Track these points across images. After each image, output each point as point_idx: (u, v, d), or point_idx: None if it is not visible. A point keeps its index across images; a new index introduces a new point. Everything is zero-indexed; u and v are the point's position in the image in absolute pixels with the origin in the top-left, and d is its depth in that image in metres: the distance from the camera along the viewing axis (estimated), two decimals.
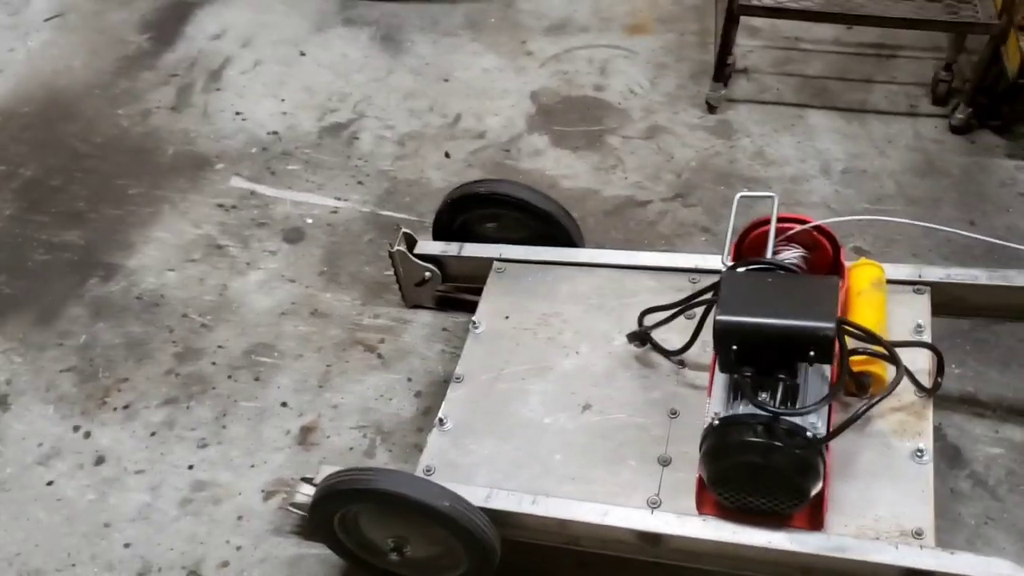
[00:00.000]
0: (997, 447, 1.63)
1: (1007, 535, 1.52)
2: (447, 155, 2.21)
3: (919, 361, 1.40)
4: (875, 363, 1.33)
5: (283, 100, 2.36)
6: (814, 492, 1.23)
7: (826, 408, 1.26)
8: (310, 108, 2.34)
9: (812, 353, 1.18)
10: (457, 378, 1.56)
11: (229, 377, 1.79)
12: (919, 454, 1.32)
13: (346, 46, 2.51)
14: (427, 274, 1.80)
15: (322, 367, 1.81)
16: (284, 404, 1.75)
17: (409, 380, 1.79)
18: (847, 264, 1.47)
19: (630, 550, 1.38)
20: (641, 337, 1.51)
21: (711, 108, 2.31)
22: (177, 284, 1.96)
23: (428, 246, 1.79)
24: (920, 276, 1.53)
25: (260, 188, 2.14)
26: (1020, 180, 2.13)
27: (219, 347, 1.84)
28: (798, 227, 1.42)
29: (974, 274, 1.52)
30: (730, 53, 2.24)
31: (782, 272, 1.30)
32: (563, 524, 1.36)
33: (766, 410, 1.20)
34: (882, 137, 2.24)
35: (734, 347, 1.21)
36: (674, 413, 1.46)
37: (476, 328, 1.63)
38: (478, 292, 1.82)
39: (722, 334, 1.21)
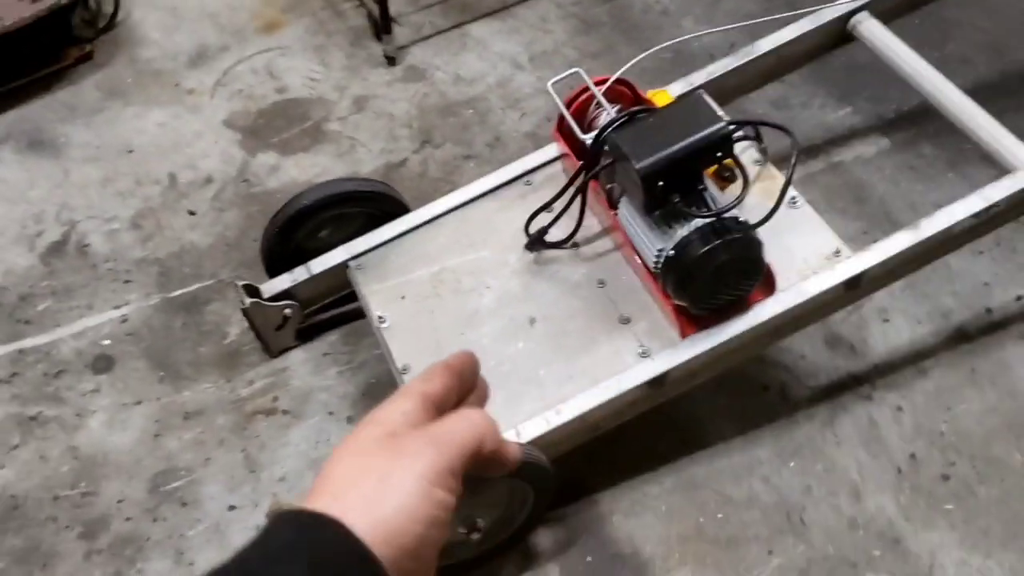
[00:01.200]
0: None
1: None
2: (192, 212, 2.08)
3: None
4: None
5: None
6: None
7: None
8: (12, 245, 2.05)
9: (719, 154, 1.38)
10: (404, 370, 1.56)
11: (154, 520, 1.60)
12: (793, 201, 1.60)
13: None
14: (287, 311, 1.73)
15: (238, 455, 1.68)
16: (232, 507, 1.61)
17: (331, 414, 1.73)
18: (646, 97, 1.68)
19: (641, 405, 1.51)
20: (538, 241, 1.62)
21: (391, 61, 2.40)
22: (18, 476, 1.68)
23: (275, 284, 1.72)
24: (692, 83, 1.79)
25: (26, 343, 1.87)
26: (651, 3, 2.51)
27: (119, 502, 1.63)
28: (604, 86, 1.60)
29: (725, 63, 1.81)
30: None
31: (644, 113, 1.47)
32: (583, 418, 1.46)
33: (709, 216, 1.38)
34: (537, 21, 2.49)
35: (660, 183, 1.37)
36: (601, 283, 1.59)
37: (384, 323, 1.62)
38: (337, 304, 1.80)
39: (649, 177, 1.35)
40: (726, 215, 1.38)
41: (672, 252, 1.40)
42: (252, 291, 1.70)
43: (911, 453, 1.61)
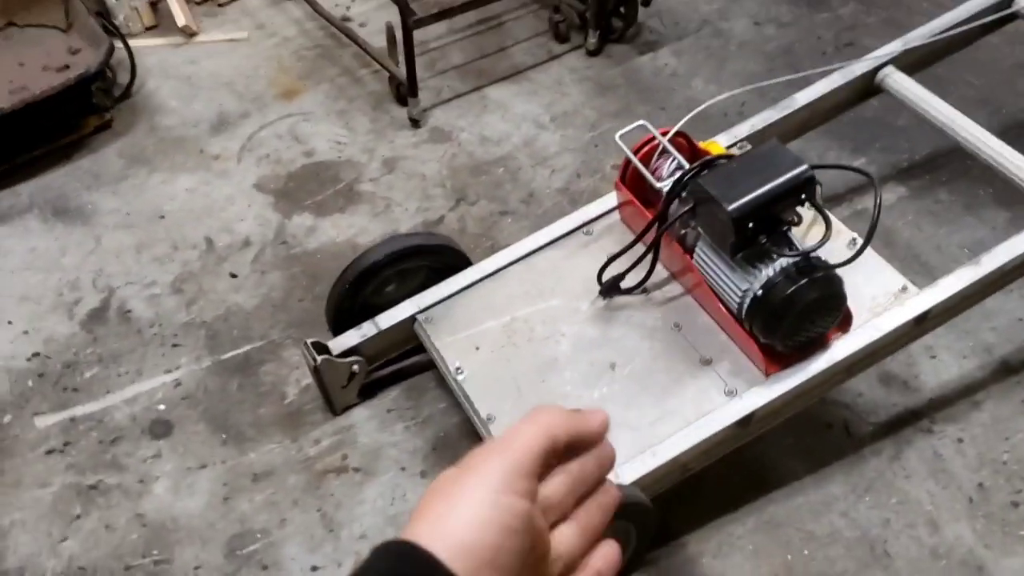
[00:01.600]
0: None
1: None
2: (233, 275, 2.07)
3: None
4: None
5: (10, 323, 1.99)
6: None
7: None
8: (50, 313, 2.01)
9: (803, 196, 1.44)
10: (489, 419, 1.56)
11: None
12: (853, 243, 1.66)
13: (22, 241, 2.18)
14: (355, 367, 1.73)
15: (314, 515, 1.65)
16: (315, 568, 1.58)
17: (403, 469, 1.71)
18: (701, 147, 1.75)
19: (728, 444, 1.54)
20: (613, 288, 1.65)
21: (416, 123, 2.44)
22: (85, 547, 1.62)
23: (343, 340, 1.72)
24: (736, 136, 1.87)
25: (77, 411, 1.82)
26: (660, 66, 2.61)
27: (196, 568, 1.58)
28: (666, 137, 1.67)
29: (765, 116, 1.90)
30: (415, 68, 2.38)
31: (724, 160, 1.53)
32: (677, 459, 1.48)
33: (797, 256, 1.43)
34: (553, 84, 2.57)
35: (750, 225, 1.42)
36: (677, 326, 1.63)
37: (462, 373, 1.63)
38: (400, 359, 1.80)
39: (739, 219, 1.40)
40: (816, 255, 1.43)
41: (760, 292, 1.45)
42: (321, 348, 1.69)
43: (979, 483, 1.66)
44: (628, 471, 1.44)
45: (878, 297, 1.59)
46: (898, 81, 1.92)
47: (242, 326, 1.97)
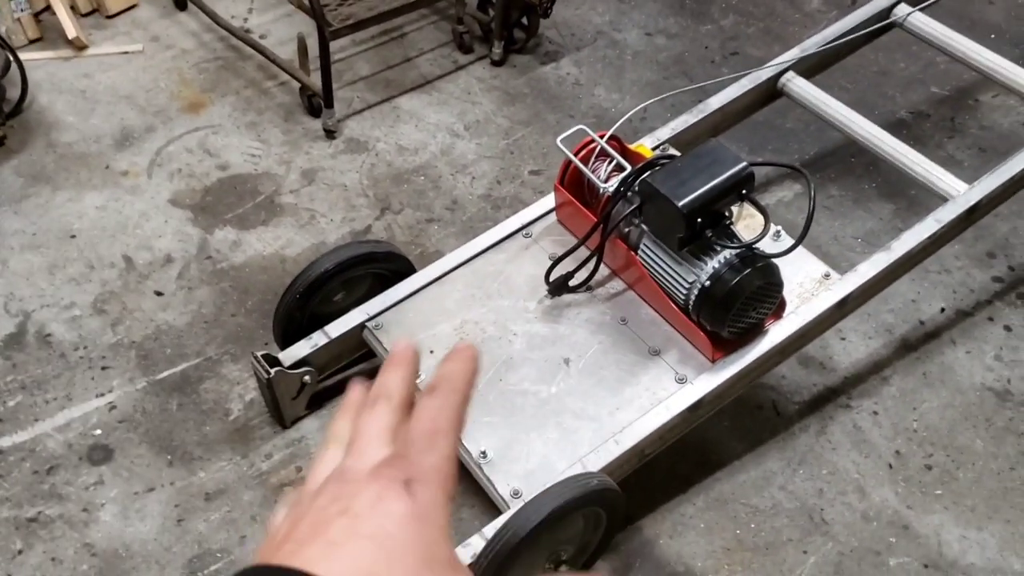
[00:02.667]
0: None
1: None
2: (159, 293, 2.02)
3: None
4: None
5: None
6: None
7: None
8: None
9: (744, 191, 1.54)
10: None
11: None
12: (778, 234, 1.79)
13: None
14: (306, 378, 1.72)
15: None
16: None
17: None
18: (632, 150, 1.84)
19: (680, 429, 1.63)
20: (562, 286, 1.71)
21: (330, 134, 2.44)
22: None
23: (294, 351, 1.71)
24: (659, 139, 1.97)
25: (4, 442, 1.73)
26: (563, 75, 2.70)
27: None
28: (601, 142, 1.75)
29: (684, 119, 2.01)
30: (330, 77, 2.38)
31: (666, 159, 1.62)
32: (636, 446, 1.56)
33: (741, 247, 1.53)
34: (462, 93, 2.62)
35: (698, 219, 1.51)
36: (623, 320, 1.71)
37: (418, 378, 1.64)
38: (348, 367, 1.81)
39: (689, 215, 1.50)
40: (758, 245, 1.54)
41: (708, 282, 1.55)
42: (272, 360, 1.68)
43: (896, 450, 1.82)
44: (594, 460, 1.51)
45: (805, 284, 1.72)
46: (799, 85, 2.08)
47: (175, 344, 1.92)
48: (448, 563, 0.50)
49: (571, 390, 1.62)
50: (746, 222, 1.81)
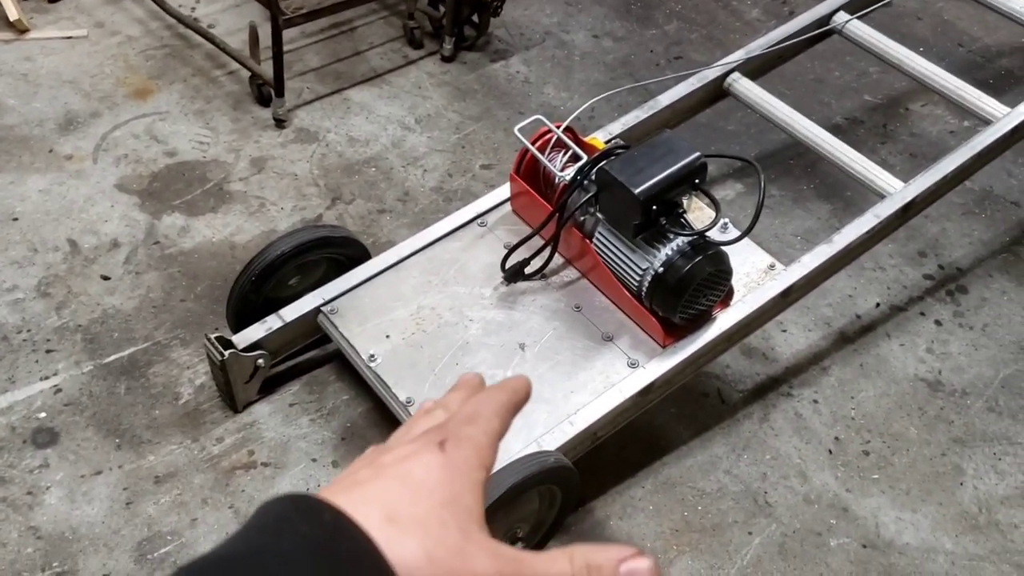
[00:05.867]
0: None
1: None
2: (105, 277, 1.99)
3: None
4: None
5: None
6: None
7: None
8: None
9: (697, 180, 1.59)
10: (408, 401, 1.61)
11: None
12: (725, 226, 1.84)
13: None
14: (259, 361, 1.71)
15: (227, 512, 1.62)
16: None
17: (314, 460, 1.72)
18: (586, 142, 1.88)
19: (631, 412, 1.67)
20: (518, 274, 1.74)
21: (280, 123, 2.43)
22: None
23: (248, 334, 1.70)
24: (611, 132, 2.01)
25: None
26: (512, 73, 2.74)
27: None
28: (558, 132, 1.78)
29: (636, 114, 2.06)
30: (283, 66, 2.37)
31: (621, 149, 1.66)
32: (589, 428, 1.59)
33: (694, 235, 1.58)
34: (412, 88, 2.63)
35: (654, 207, 1.56)
36: (578, 307, 1.74)
37: (375, 361, 1.66)
38: (303, 352, 1.81)
39: (646, 202, 1.54)
40: (711, 233, 1.59)
41: (661, 269, 1.59)
42: (225, 343, 1.67)
43: (835, 436, 1.88)
44: (549, 440, 1.54)
45: (751, 274, 1.78)
46: (744, 85, 2.15)
47: (122, 328, 1.89)
48: (471, 513, 0.51)
49: (527, 374, 1.64)
50: (695, 215, 1.86)
